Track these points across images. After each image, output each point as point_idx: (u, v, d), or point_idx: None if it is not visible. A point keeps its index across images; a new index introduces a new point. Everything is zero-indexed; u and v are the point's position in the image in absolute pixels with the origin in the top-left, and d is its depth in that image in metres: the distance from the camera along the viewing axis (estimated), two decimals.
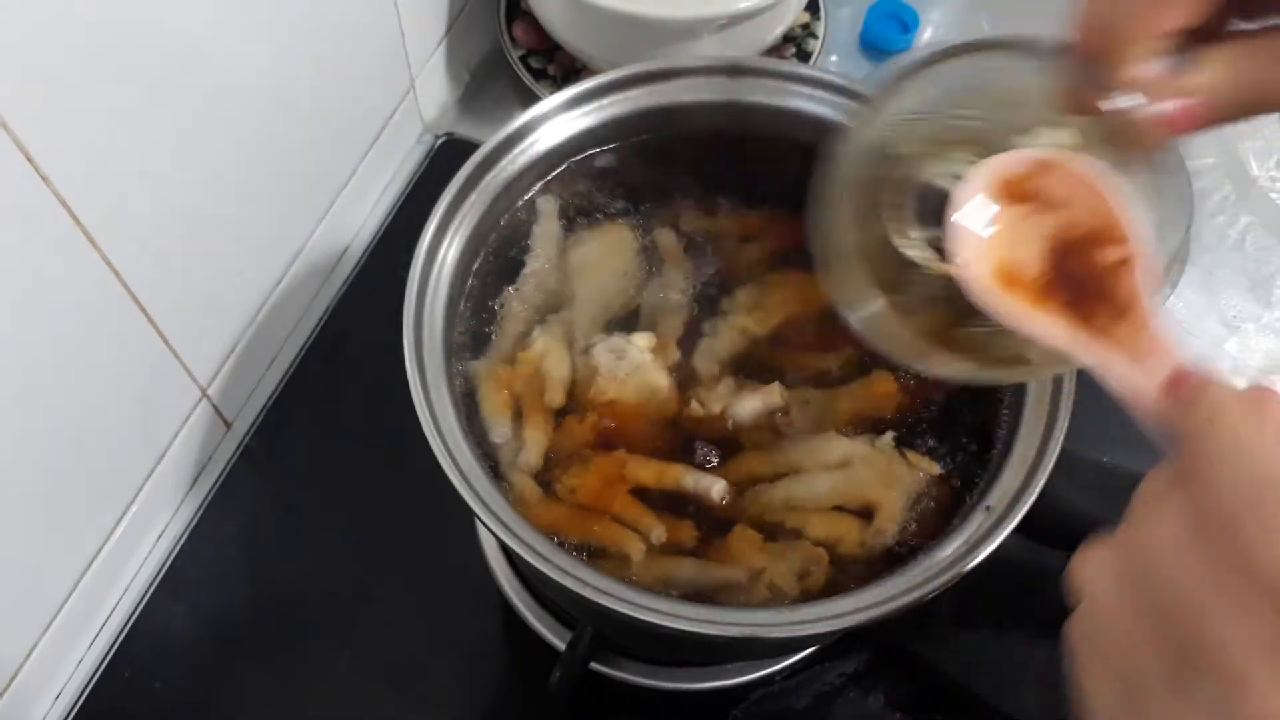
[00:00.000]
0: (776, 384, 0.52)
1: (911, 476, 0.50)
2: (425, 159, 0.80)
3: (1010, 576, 0.65)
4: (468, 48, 0.84)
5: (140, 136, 0.51)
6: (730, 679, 0.61)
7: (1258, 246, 0.80)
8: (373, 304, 0.71)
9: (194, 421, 0.65)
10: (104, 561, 0.61)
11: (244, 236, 0.63)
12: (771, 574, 0.47)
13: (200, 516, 0.66)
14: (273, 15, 0.58)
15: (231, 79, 0.56)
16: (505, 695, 0.63)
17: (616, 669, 0.60)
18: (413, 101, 0.78)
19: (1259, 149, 0.84)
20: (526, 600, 0.62)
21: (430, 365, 0.48)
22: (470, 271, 0.54)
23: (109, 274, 0.52)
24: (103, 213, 0.50)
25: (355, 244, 0.76)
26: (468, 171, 0.53)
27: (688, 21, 0.72)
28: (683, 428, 0.53)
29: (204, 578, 0.64)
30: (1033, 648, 0.64)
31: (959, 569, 0.44)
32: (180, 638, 0.62)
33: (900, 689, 0.62)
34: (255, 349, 0.68)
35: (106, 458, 0.58)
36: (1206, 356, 0.75)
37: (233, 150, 0.59)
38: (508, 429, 0.51)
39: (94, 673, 0.61)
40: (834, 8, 0.87)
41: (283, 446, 0.68)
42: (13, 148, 0.44)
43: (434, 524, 0.65)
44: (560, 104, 0.56)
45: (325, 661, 0.62)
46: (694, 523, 0.50)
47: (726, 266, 0.57)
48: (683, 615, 0.43)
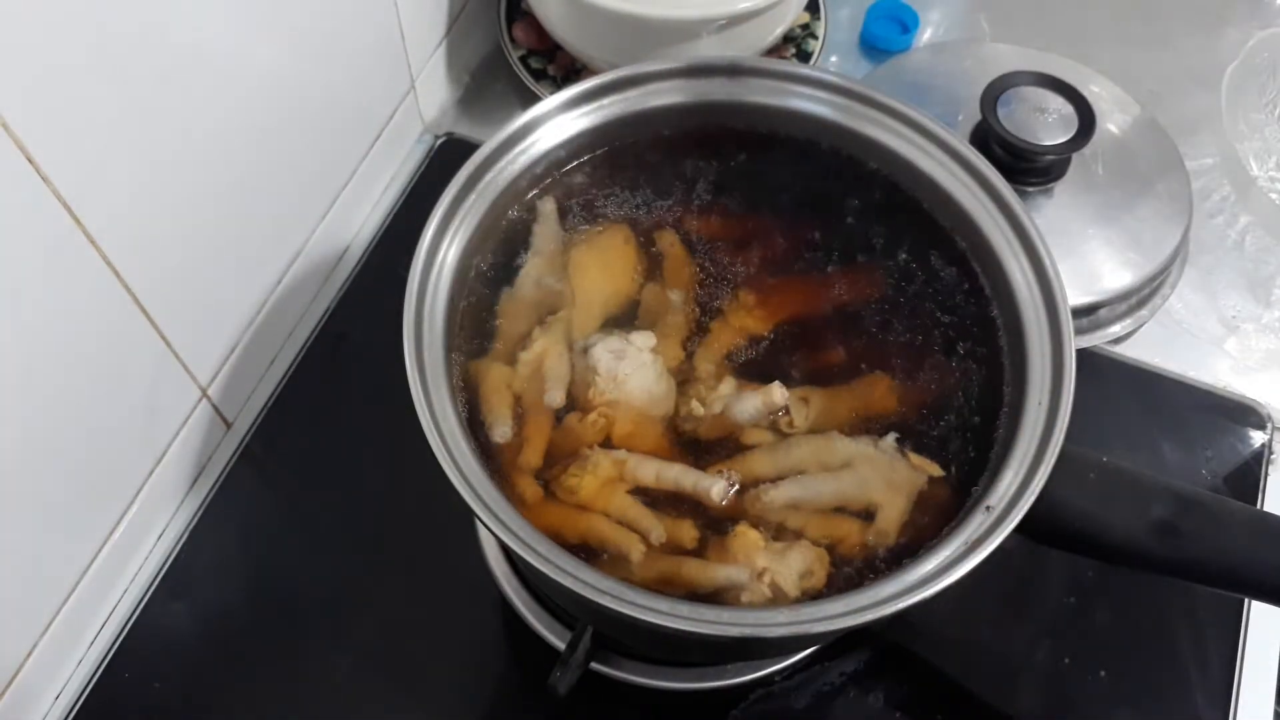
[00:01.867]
0: (776, 384, 0.52)
1: (913, 477, 0.50)
2: (425, 159, 0.80)
3: (1010, 576, 0.65)
4: (468, 48, 0.84)
5: (141, 138, 0.51)
6: (730, 679, 0.61)
7: (1257, 246, 0.80)
8: (373, 304, 0.71)
9: (194, 421, 0.65)
10: (104, 561, 0.61)
11: (245, 237, 0.63)
12: (772, 574, 0.47)
13: (200, 516, 0.66)
14: (274, 17, 0.58)
15: (233, 80, 0.56)
16: (505, 695, 0.63)
17: (616, 669, 0.60)
18: (413, 102, 0.78)
19: (1258, 149, 0.84)
20: (526, 600, 0.62)
21: (430, 365, 0.48)
22: (470, 271, 0.54)
23: (110, 274, 0.52)
24: (104, 214, 0.50)
25: (355, 244, 0.76)
26: (468, 172, 0.53)
27: (688, 22, 0.72)
28: (683, 428, 0.53)
29: (204, 577, 0.64)
30: (1034, 648, 0.64)
31: (959, 569, 0.44)
32: (180, 638, 0.62)
33: (900, 689, 0.62)
34: (255, 349, 0.68)
35: (107, 458, 0.58)
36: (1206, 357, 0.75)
37: (234, 151, 0.59)
38: (508, 429, 0.51)
39: (94, 672, 0.61)
40: (834, 8, 0.87)
41: (283, 446, 0.68)
42: (14, 149, 0.44)
43: (434, 524, 0.65)
44: (560, 104, 0.56)
45: (325, 661, 0.62)
46: (694, 523, 0.50)
47: (726, 266, 0.57)
48: (683, 615, 0.43)
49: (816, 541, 0.49)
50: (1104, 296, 0.70)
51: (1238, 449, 0.71)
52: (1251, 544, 0.51)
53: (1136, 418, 0.72)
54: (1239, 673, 0.63)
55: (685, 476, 0.50)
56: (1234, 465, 0.70)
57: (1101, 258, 0.70)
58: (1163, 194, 0.72)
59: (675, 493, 0.50)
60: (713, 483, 0.50)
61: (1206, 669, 0.64)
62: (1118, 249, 0.70)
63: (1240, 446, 0.71)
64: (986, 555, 0.44)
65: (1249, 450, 0.71)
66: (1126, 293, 0.71)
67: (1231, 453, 0.71)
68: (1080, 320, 0.71)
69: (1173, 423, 0.71)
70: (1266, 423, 0.71)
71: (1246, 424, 0.71)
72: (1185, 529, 0.51)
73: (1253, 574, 0.52)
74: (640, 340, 0.53)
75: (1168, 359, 0.74)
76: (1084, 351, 0.72)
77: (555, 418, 0.52)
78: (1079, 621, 0.64)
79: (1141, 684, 0.63)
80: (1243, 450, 0.71)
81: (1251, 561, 0.51)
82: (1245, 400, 0.72)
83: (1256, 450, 0.71)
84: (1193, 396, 0.73)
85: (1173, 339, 0.75)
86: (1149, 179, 0.72)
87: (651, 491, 0.50)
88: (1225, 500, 0.54)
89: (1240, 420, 0.72)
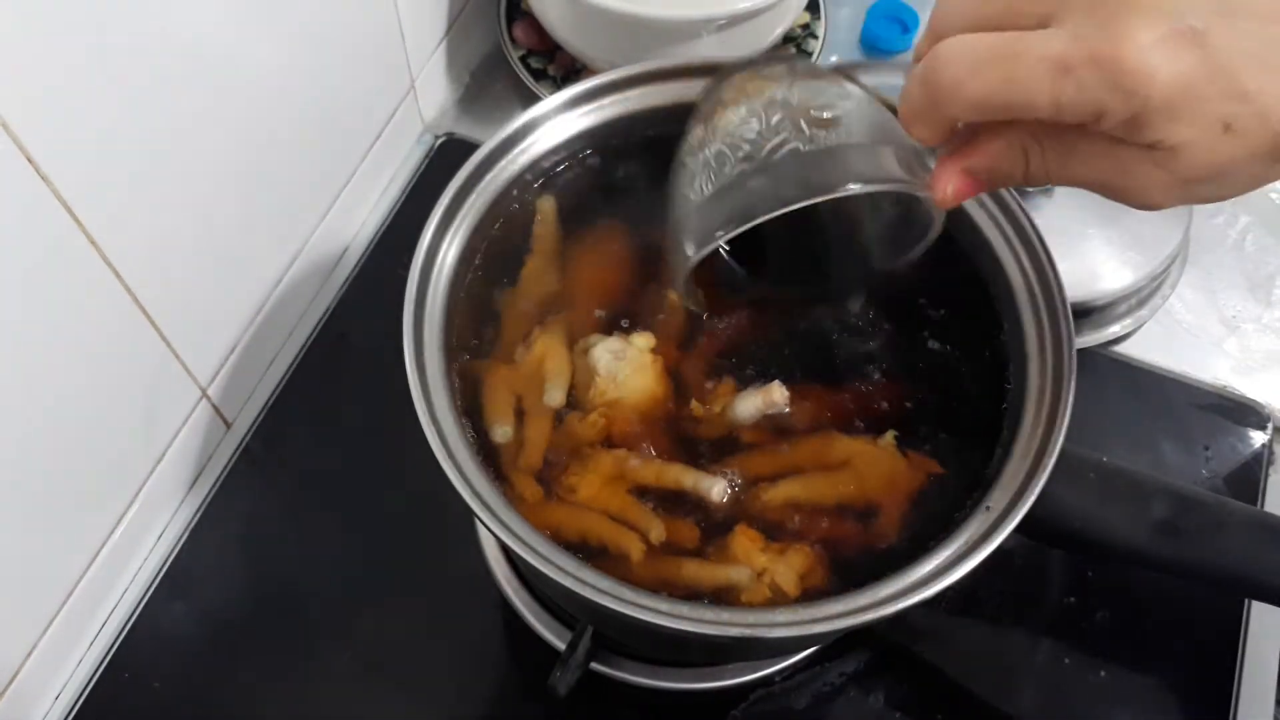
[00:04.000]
0: (776, 382, 0.52)
1: (913, 476, 0.50)
2: (425, 159, 0.80)
3: (1010, 576, 0.65)
4: (468, 48, 0.84)
5: (142, 138, 0.51)
6: (730, 679, 0.61)
7: (1257, 246, 0.80)
8: (373, 304, 0.71)
9: (194, 421, 0.65)
10: (104, 561, 0.61)
11: (245, 236, 0.63)
12: (772, 574, 0.47)
13: (200, 516, 0.66)
14: (274, 17, 0.58)
15: (233, 80, 0.56)
16: (505, 695, 0.63)
17: (616, 669, 0.60)
18: (413, 102, 0.78)
19: None
20: (526, 600, 0.62)
21: (430, 365, 0.48)
22: (470, 271, 0.54)
23: (110, 275, 0.52)
24: (104, 214, 0.50)
25: (355, 244, 0.76)
26: (468, 171, 0.53)
27: (688, 22, 0.72)
28: (683, 427, 0.53)
29: (204, 577, 0.64)
30: (1033, 648, 0.64)
31: (959, 569, 0.44)
32: (180, 638, 0.62)
33: (900, 689, 0.62)
34: (255, 349, 0.68)
35: (107, 457, 0.58)
36: (1206, 356, 0.75)
37: (234, 151, 0.59)
38: (508, 429, 0.51)
39: (94, 672, 0.61)
40: (834, 8, 0.87)
41: (283, 446, 0.68)
42: (14, 150, 0.44)
43: (434, 524, 0.65)
44: (560, 104, 0.56)
45: (325, 661, 0.62)
46: (694, 523, 0.50)
47: None
48: (683, 615, 0.43)
49: (816, 541, 0.49)
50: (1104, 296, 0.70)
51: (1238, 449, 0.71)
52: (1251, 544, 0.51)
53: (1137, 418, 0.72)
54: (1239, 673, 0.63)
55: (685, 476, 0.50)
56: (1234, 465, 0.70)
57: (1101, 257, 0.70)
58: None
59: (675, 492, 0.50)
60: (712, 482, 0.50)
61: (1206, 669, 0.64)
62: (1118, 249, 0.70)
63: (1240, 446, 0.71)
64: (986, 555, 0.44)
65: (1249, 450, 0.71)
66: (1127, 292, 0.71)
67: (1232, 453, 0.71)
68: (1080, 320, 0.71)
69: (1173, 423, 0.71)
70: (1267, 423, 0.71)
71: (1247, 424, 0.71)
72: (1185, 529, 0.51)
73: (1253, 574, 0.52)
74: (640, 340, 0.53)
75: (1168, 359, 0.74)
76: (1084, 351, 0.72)
77: (555, 418, 0.52)
78: (1079, 621, 0.64)
79: (1141, 684, 0.63)
80: (1243, 450, 0.71)
81: (1251, 561, 0.51)
82: (1245, 400, 0.72)
83: (1257, 450, 0.71)
84: (1193, 396, 0.73)
85: (1173, 339, 0.75)
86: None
87: (651, 491, 0.50)
88: (1225, 500, 0.54)
89: (1240, 420, 0.72)
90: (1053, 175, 0.37)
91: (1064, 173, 0.37)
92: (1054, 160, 0.36)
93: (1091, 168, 0.36)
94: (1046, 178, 0.37)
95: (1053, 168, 0.37)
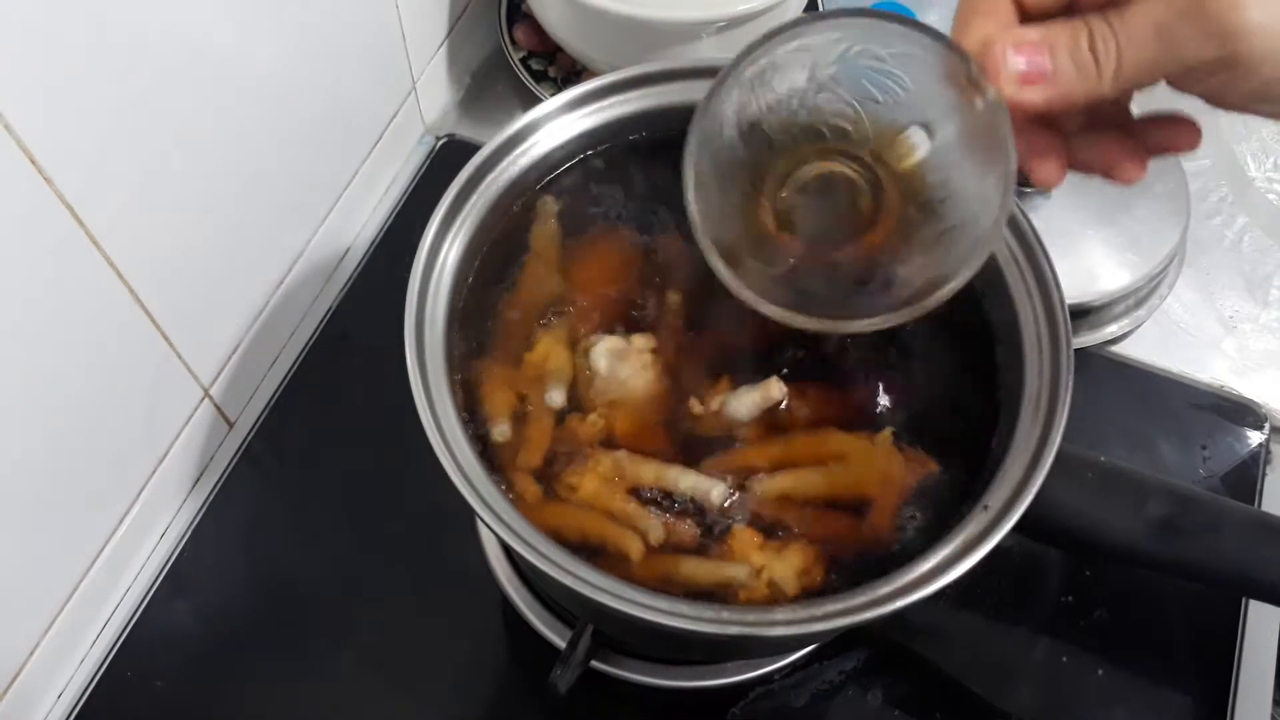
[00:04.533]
0: (774, 379, 0.52)
1: (909, 473, 0.50)
2: (426, 160, 0.80)
3: (1009, 576, 0.65)
4: (469, 50, 0.84)
5: (143, 139, 0.51)
6: (729, 677, 0.61)
7: (1254, 247, 0.80)
8: (374, 305, 0.71)
9: (196, 421, 0.65)
10: (106, 561, 0.61)
11: (246, 237, 0.63)
12: (771, 572, 0.48)
13: (202, 516, 0.66)
14: (275, 18, 0.58)
15: (234, 82, 0.57)
16: (505, 694, 0.63)
17: (616, 667, 0.60)
18: (414, 103, 0.78)
19: (1255, 150, 0.84)
20: (527, 599, 0.62)
21: (431, 365, 0.48)
22: (471, 272, 0.54)
23: (112, 275, 0.52)
24: (106, 214, 0.50)
25: (357, 245, 0.76)
26: (469, 173, 0.53)
27: (688, 24, 0.72)
28: (682, 427, 0.53)
29: (206, 577, 0.64)
30: (1031, 646, 0.64)
31: (957, 568, 0.44)
32: (182, 637, 0.63)
33: (899, 687, 0.62)
34: (257, 349, 0.68)
35: (109, 457, 0.59)
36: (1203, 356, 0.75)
37: (235, 152, 0.59)
38: (508, 429, 0.51)
39: (96, 672, 0.61)
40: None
41: (285, 446, 0.69)
42: (16, 150, 0.44)
43: (434, 524, 0.65)
44: (561, 106, 0.56)
45: (326, 660, 0.62)
46: (693, 521, 0.50)
47: None
48: (682, 614, 0.43)
49: (813, 538, 0.49)
50: (1102, 297, 0.70)
51: (1235, 449, 0.71)
52: (1249, 543, 0.51)
53: (1134, 418, 0.72)
54: (1236, 672, 0.64)
55: (685, 478, 0.50)
56: (1232, 465, 0.70)
57: (1099, 258, 0.70)
58: (1160, 194, 0.72)
59: (675, 493, 0.51)
60: (712, 485, 0.50)
61: (1204, 668, 0.64)
62: (1115, 249, 0.70)
63: (1238, 446, 0.71)
64: (984, 554, 0.44)
65: (1246, 450, 0.71)
66: (1124, 293, 0.71)
67: (1229, 452, 0.71)
68: (1078, 321, 0.71)
69: (1170, 422, 0.72)
70: (1264, 422, 0.72)
71: (1244, 424, 0.72)
72: (1183, 528, 0.51)
73: (1250, 573, 0.52)
74: (640, 341, 0.53)
75: (1165, 359, 0.74)
76: (1082, 352, 0.72)
77: (556, 418, 0.52)
78: (1077, 620, 0.65)
79: (1139, 683, 0.63)
80: (1240, 450, 0.71)
81: (1249, 561, 0.51)
82: (1243, 400, 0.73)
83: (1254, 450, 0.71)
84: (1190, 396, 0.73)
85: (1170, 339, 0.75)
86: (1146, 180, 0.72)
87: (651, 491, 0.51)
88: (1223, 500, 0.54)
89: (1238, 420, 0.72)
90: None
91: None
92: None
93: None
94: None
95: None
